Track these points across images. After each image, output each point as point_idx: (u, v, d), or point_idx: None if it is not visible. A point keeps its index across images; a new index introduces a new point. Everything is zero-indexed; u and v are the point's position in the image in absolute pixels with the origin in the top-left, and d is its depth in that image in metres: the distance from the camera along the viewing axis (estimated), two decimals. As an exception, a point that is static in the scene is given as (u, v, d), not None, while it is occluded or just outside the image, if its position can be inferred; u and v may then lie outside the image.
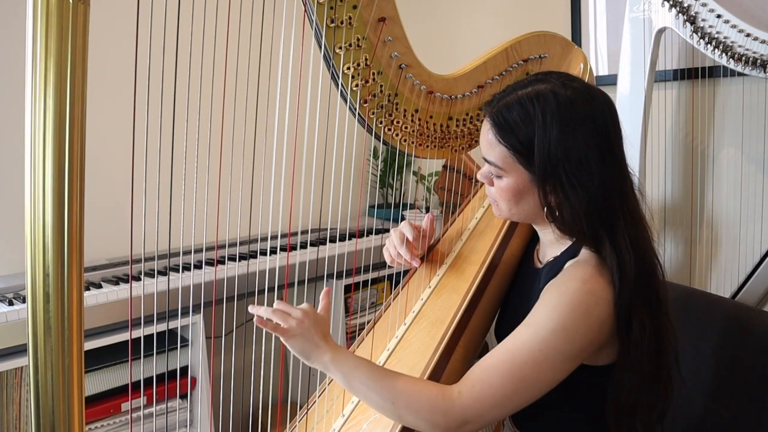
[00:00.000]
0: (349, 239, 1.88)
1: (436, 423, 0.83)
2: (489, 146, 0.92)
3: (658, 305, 0.88)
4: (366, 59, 0.99)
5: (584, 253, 0.90)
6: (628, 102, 1.60)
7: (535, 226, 1.01)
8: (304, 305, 0.90)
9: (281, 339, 0.89)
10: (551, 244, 0.98)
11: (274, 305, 0.90)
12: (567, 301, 0.84)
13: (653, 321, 0.86)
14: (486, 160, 0.93)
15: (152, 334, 1.41)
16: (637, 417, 0.89)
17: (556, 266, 0.93)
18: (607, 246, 0.86)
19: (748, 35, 1.39)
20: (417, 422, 0.85)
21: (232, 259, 1.68)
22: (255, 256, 1.66)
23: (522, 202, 0.92)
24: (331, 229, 1.84)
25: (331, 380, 1.08)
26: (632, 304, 0.85)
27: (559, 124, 0.85)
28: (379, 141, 1.08)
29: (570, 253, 0.92)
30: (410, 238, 1.10)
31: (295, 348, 0.88)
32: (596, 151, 0.85)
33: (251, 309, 0.90)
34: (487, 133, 0.92)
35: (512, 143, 0.88)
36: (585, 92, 0.88)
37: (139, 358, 0.90)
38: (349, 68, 0.99)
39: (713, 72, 1.62)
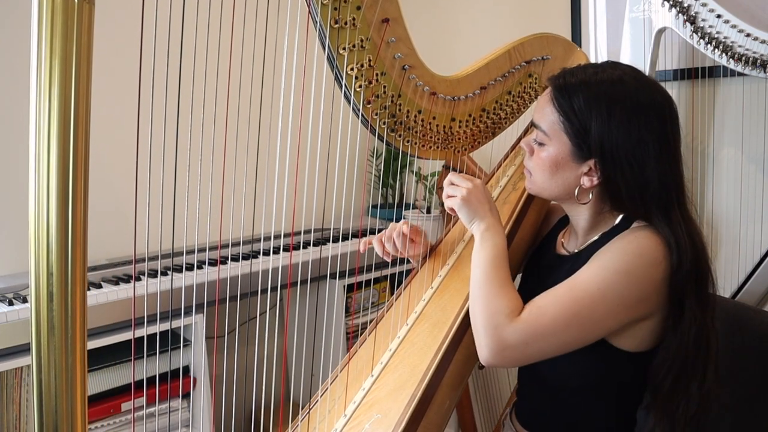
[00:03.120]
0: (351, 239, 1.88)
1: (486, 332, 0.86)
2: (542, 110, 0.94)
3: (707, 305, 0.88)
4: (369, 60, 0.99)
5: (638, 224, 0.91)
6: (628, 102, 1.61)
7: (567, 209, 1.00)
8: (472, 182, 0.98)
9: (455, 208, 1.00)
10: (585, 231, 0.97)
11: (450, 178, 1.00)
12: (634, 248, 0.85)
13: (704, 317, 0.87)
14: (534, 125, 0.95)
15: (153, 334, 1.41)
16: (678, 411, 0.89)
17: (598, 246, 0.92)
18: (662, 225, 0.87)
19: (748, 35, 1.40)
20: (475, 323, 0.89)
21: (233, 259, 1.68)
22: (256, 256, 1.66)
23: (556, 176, 0.93)
24: (333, 228, 1.84)
25: (333, 380, 1.08)
26: (685, 291, 0.85)
27: (623, 105, 0.87)
28: (382, 142, 1.08)
29: (616, 231, 0.92)
30: (406, 233, 1.11)
31: (462, 214, 0.99)
32: (655, 139, 0.87)
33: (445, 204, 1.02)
34: (544, 97, 0.94)
35: (566, 111, 0.90)
36: (652, 85, 0.91)
37: (140, 357, 0.90)
38: (352, 69, 0.99)
39: (713, 72, 1.62)
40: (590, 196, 0.93)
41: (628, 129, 0.87)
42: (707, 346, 0.88)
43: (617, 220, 0.94)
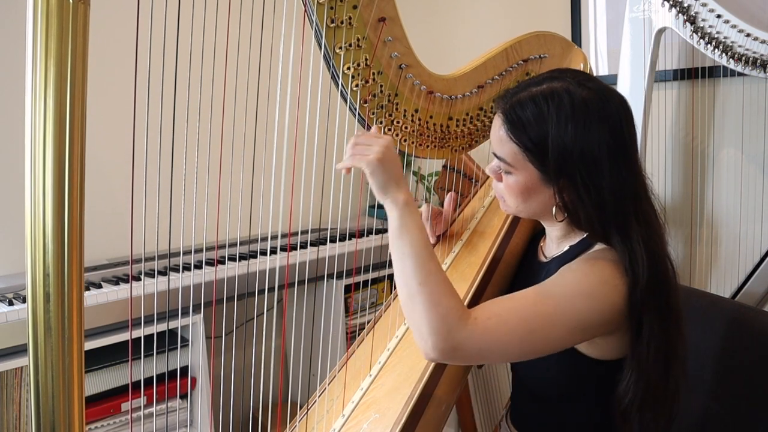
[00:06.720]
0: (349, 239, 1.88)
1: (437, 331, 0.79)
2: (500, 142, 0.91)
3: (669, 313, 0.87)
4: (366, 59, 0.99)
5: (600, 246, 0.90)
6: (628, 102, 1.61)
7: (543, 222, 1.00)
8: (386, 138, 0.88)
9: (366, 170, 0.86)
10: (558, 240, 0.97)
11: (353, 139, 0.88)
12: (598, 272, 0.84)
13: (663, 327, 0.86)
14: (495, 155, 0.93)
15: (152, 334, 1.41)
16: (643, 423, 0.88)
17: (565, 259, 0.92)
18: (619, 245, 0.86)
19: (748, 35, 1.39)
20: (421, 320, 0.80)
21: (232, 259, 1.68)
22: (255, 256, 1.66)
23: (530, 200, 0.92)
24: (331, 229, 1.84)
25: (332, 380, 1.08)
26: (644, 306, 0.84)
27: (573, 123, 0.85)
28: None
29: (580, 248, 0.92)
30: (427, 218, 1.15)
31: (378, 176, 0.86)
32: (608, 151, 0.85)
33: (338, 166, 0.87)
34: (498, 129, 0.91)
35: (524, 141, 0.87)
36: (600, 92, 0.88)
37: (140, 358, 0.90)
38: (349, 68, 0.99)
39: (713, 72, 1.62)
40: (566, 214, 0.91)
41: (582, 149, 0.84)
42: (673, 357, 0.87)
43: (583, 236, 0.93)
